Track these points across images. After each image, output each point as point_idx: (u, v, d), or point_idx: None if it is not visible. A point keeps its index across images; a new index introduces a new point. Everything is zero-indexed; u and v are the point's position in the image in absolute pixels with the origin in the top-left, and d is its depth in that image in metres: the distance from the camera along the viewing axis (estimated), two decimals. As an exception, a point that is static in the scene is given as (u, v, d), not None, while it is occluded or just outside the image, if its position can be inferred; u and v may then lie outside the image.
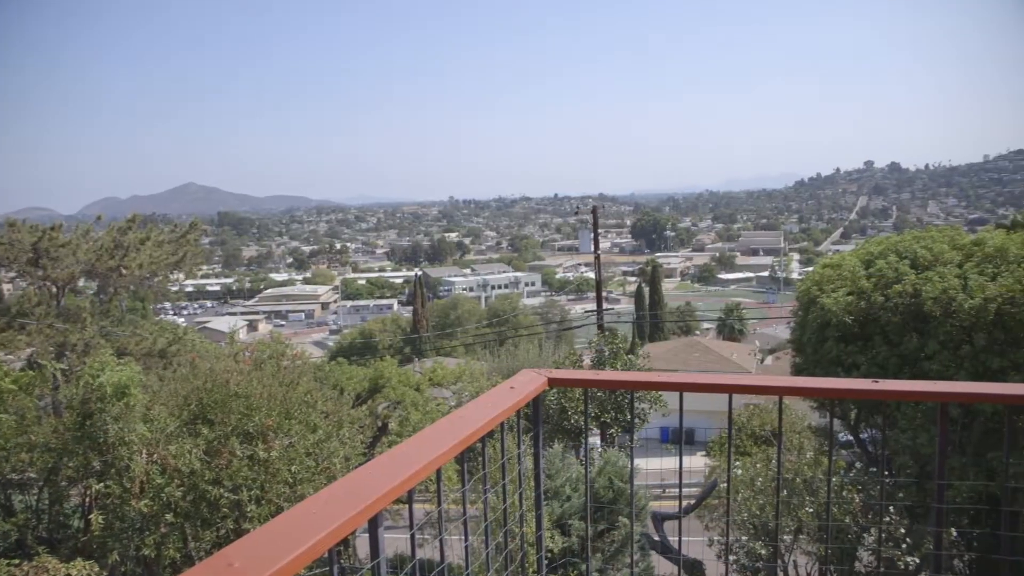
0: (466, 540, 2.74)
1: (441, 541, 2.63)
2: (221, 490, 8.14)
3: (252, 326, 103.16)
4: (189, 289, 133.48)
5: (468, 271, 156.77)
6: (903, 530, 9.13)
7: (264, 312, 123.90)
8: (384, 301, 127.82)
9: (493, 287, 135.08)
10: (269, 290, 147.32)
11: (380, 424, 15.04)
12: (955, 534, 9.56)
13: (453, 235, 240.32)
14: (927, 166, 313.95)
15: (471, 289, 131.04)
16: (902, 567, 9.00)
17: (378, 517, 1.94)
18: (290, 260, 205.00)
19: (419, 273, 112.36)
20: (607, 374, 3.20)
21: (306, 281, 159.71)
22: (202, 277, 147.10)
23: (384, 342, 61.39)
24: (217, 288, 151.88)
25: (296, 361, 11.50)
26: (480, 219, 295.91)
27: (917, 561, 9.04)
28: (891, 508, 9.42)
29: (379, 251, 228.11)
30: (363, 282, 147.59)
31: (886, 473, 10.73)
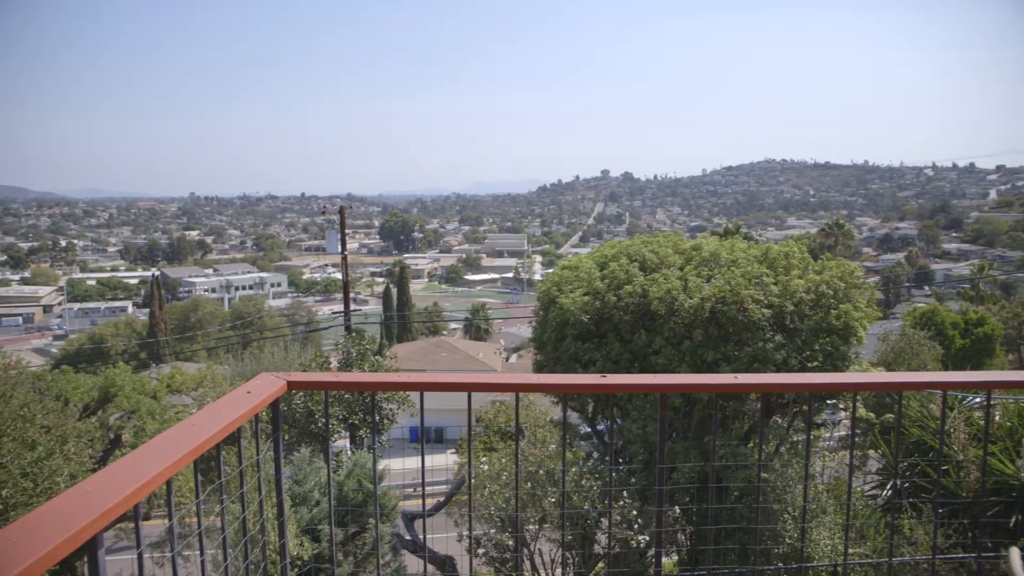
0: (202, 554, 2.62)
1: (173, 557, 2.49)
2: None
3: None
4: None
5: (210, 271, 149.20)
6: (635, 512, 9.79)
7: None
8: (117, 303, 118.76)
9: (237, 288, 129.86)
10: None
11: (112, 436, 13.98)
12: (678, 511, 10.37)
13: (194, 233, 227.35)
14: (656, 177, 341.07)
15: (213, 290, 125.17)
16: (634, 545, 9.64)
17: (97, 539, 1.80)
18: (3, 258, 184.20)
19: (157, 273, 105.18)
20: (348, 376, 3.19)
21: (24, 281, 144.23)
22: None
23: (117, 347, 57.12)
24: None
25: (10, 371, 10.40)
26: (223, 217, 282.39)
27: (647, 539, 9.73)
28: (624, 492, 10.07)
29: (112, 249, 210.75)
30: (93, 283, 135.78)
31: (620, 460, 11.46)
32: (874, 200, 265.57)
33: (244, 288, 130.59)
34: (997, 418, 8.70)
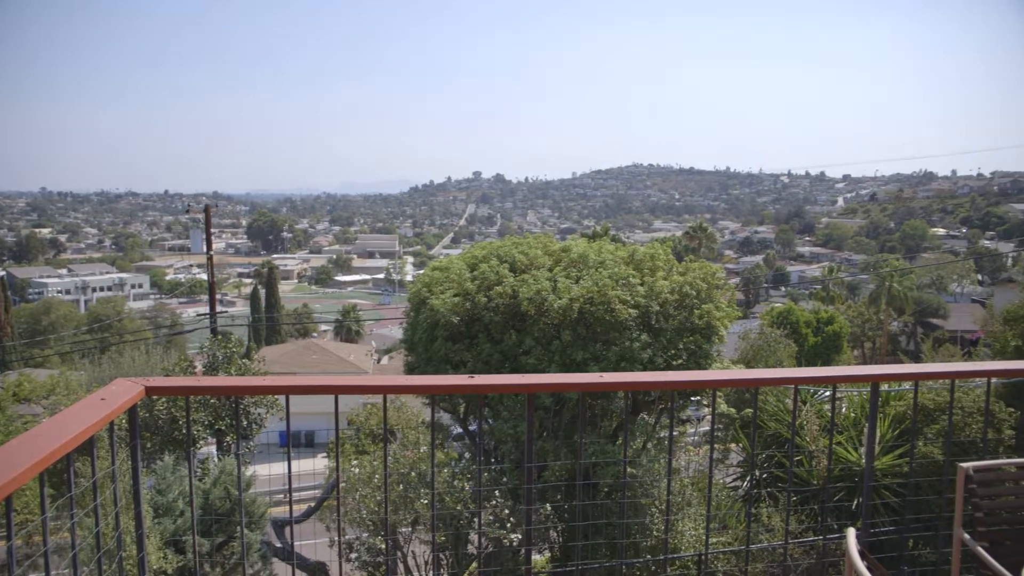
0: (47, 573, 2.49)
1: (17, 577, 2.36)
2: None
3: None
4: None
5: (64, 271, 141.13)
6: (507, 511, 9.89)
7: None
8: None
9: (94, 289, 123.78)
10: None
11: (-51, 450, 13.04)
12: (549, 509, 10.53)
13: (45, 231, 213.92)
14: (527, 179, 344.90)
15: (68, 291, 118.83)
16: (507, 544, 9.73)
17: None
18: None
19: (2, 273, 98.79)
20: (210, 380, 3.08)
21: None
22: None
23: (-46, 355, 53.35)
24: None
25: None
26: (79, 214, 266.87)
27: (520, 537, 9.84)
28: (496, 492, 10.15)
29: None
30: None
31: (492, 460, 11.55)
32: (735, 205, 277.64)
33: (102, 289, 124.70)
34: (844, 410, 9.27)
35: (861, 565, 2.88)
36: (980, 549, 3.27)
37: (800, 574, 7.51)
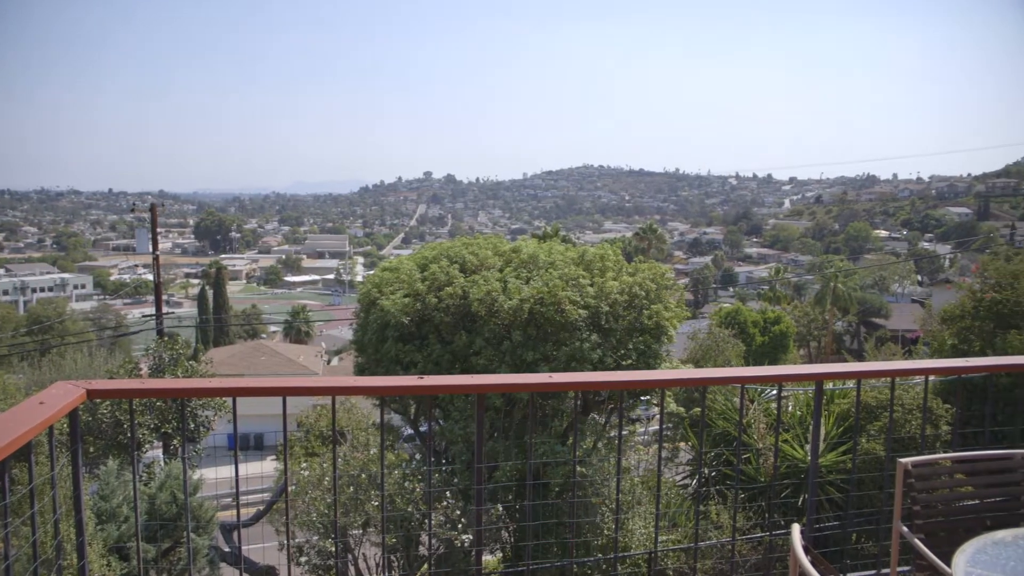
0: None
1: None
2: None
3: None
4: None
5: (2, 271, 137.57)
6: (458, 512, 9.87)
7: None
8: None
9: (34, 290, 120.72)
10: None
11: None
12: (501, 509, 10.54)
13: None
14: (478, 179, 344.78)
15: (6, 292, 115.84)
16: (459, 545, 9.72)
17: None
18: None
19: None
20: (154, 382, 3.03)
21: None
22: None
23: None
24: None
25: None
26: (17, 212, 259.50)
27: (471, 538, 9.83)
28: (448, 493, 10.13)
29: None
30: None
31: (444, 461, 11.52)
32: (684, 206, 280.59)
33: (43, 290, 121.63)
34: (790, 408, 9.43)
35: (805, 560, 2.94)
36: (917, 541, 3.35)
37: (748, 570, 7.63)
